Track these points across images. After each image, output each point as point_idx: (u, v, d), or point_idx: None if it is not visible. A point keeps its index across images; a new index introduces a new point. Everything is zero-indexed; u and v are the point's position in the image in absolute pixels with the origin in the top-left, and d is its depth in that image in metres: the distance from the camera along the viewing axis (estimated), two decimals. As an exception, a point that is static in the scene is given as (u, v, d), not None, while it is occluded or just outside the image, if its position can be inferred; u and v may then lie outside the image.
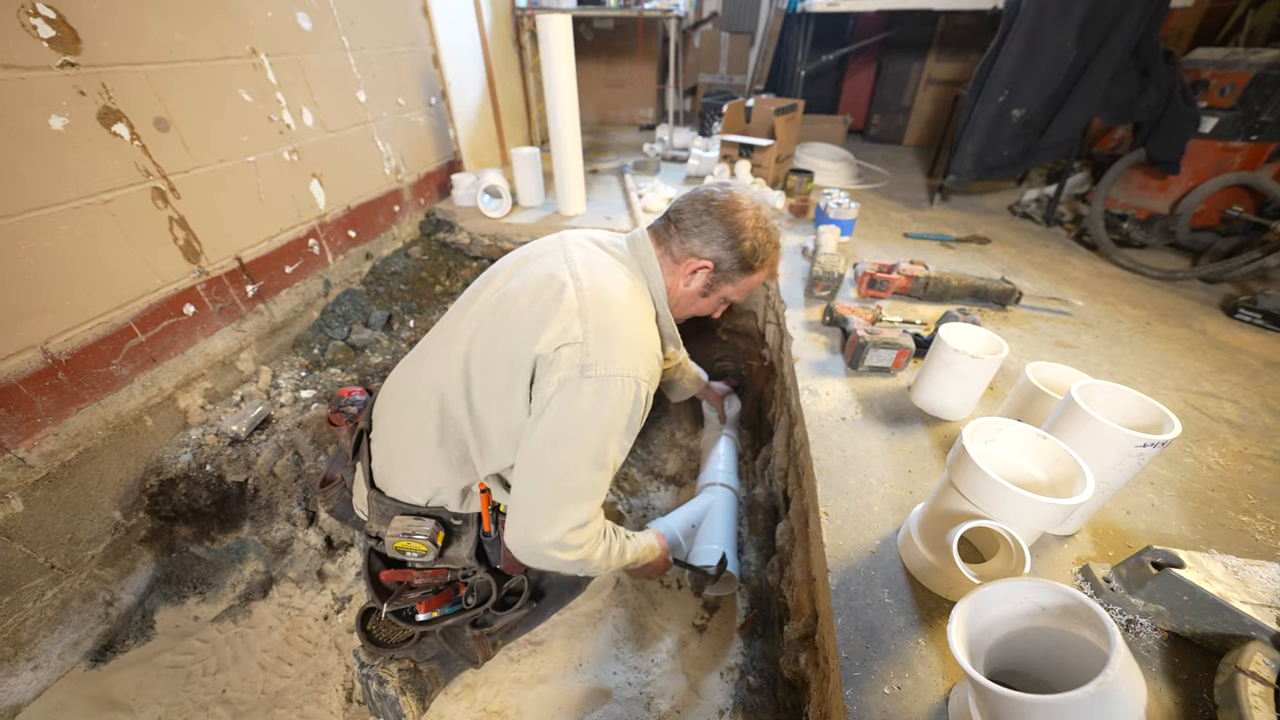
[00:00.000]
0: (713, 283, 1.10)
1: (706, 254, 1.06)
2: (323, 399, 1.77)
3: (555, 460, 0.93)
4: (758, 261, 1.07)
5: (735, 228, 1.04)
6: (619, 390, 0.91)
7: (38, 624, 1.32)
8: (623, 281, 1.03)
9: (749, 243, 1.04)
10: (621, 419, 0.93)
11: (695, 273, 1.08)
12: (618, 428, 0.93)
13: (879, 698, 0.76)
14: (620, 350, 0.92)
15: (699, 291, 1.11)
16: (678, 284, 1.11)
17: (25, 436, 1.26)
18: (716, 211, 1.05)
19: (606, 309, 0.95)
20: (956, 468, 0.82)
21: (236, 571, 1.63)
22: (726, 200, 1.05)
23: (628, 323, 0.97)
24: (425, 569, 1.16)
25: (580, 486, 0.95)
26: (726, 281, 1.10)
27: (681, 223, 1.07)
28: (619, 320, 0.96)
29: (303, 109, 1.92)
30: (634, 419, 0.96)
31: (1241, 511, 1.06)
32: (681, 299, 1.13)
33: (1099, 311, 1.85)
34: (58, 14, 1.23)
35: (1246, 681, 0.67)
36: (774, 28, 3.99)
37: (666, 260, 1.10)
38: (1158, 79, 2.16)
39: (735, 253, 1.05)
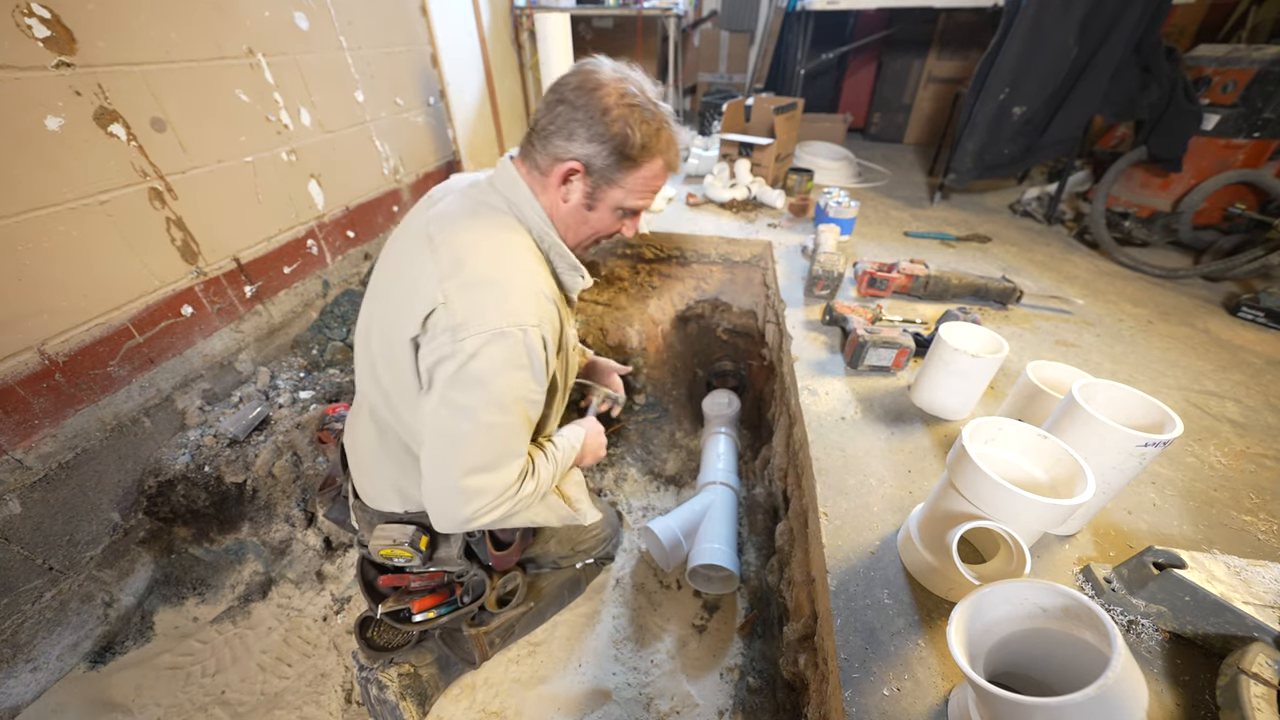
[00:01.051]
0: (593, 189, 0.90)
1: (572, 153, 0.87)
2: (322, 399, 1.77)
3: (454, 436, 0.85)
4: (636, 149, 0.86)
5: (594, 111, 0.83)
6: (503, 346, 0.82)
7: (36, 625, 1.31)
8: (482, 224, 0.90)
9: (617, 125, 0.84)
10: (515, 375, 0.84)
11: (568, 181, 0.90)
12: (514, 386, 0.85)
13: (878, 699, 0.75)
14: (491, 301, 0.82)
15: (582, 205, 0.92)
16: (556, 203, 0.93)
17: (22, 438, 1.26)
18: (570, 97, 0.85)
19: (464, 262, 0.84)
20: (956, 468, 0.81)
21: (235, 572, 1.63)
22: (580, 81, 0.85)
23: (493, 268, 0.85)
24: (420, 572, 1.16)
25: (487, 458, 0.87)
26: (609, 184, 0.90)
27: (538, 125, 0.89)
28: (482, 269, 0.84)
29: (300, 109, 1.92)
30: (535, 369, 0.86)
31: (1244, 511, 1.05)
32: (569, 219, 0.94)
33: (1100, 310, 1.84)
34: (53, 14, 1.23)
35: (1249, 683, 0.66)
36: (774, 26, 3.98)
37: (535, 178, 0.92)
38: (1159, 76, 2.15)
39: (604, 143, 0.85)
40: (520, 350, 0.83)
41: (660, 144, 0.88)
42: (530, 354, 0.85)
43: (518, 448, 0.91)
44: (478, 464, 0.87)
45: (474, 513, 0.89)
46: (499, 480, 0.89)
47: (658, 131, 0.87)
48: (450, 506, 0.89)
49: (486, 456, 0.88)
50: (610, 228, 0.98)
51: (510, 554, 1.19)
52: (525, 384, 0.87)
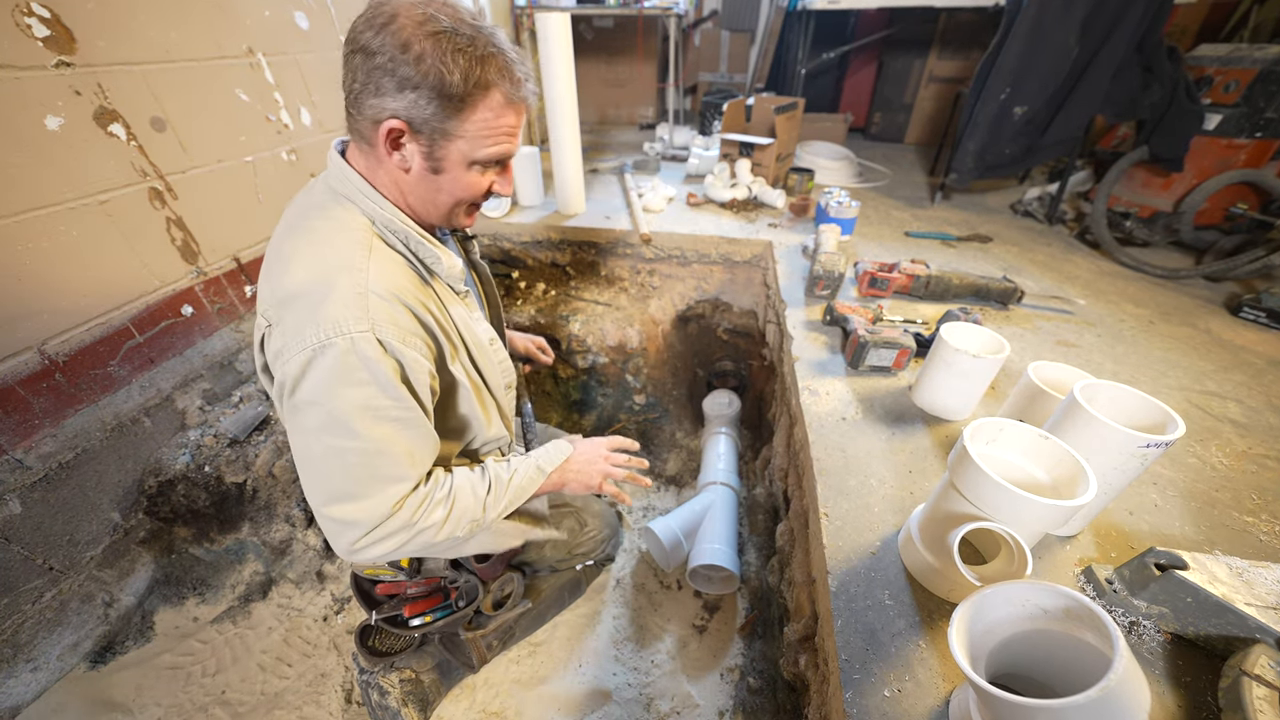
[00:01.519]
0: (430, 148, 0.75)
1: (387, 110, 0.72)
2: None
3: (304, 463, 0.77)
4: (459, 86, 0.70)
5: (393, 50, 0.68)
6: (326, 361, 0.71)
7: (37, 625, 1.32)
8: (304, 229, 0.79)
9: (426, 62, 0.68)
10: (351, 391, 0.73)
11: (399, 146, 0.75)
12: (353, 402, 0.73)
13: (879, 700, 0.75)
14: (306, 314, 0.72)
15: (426, 169, 0.78)
16: (397, 175, 0.79)
17: (23, 438, 1.26)
18: (364, 41, 0.69)
19: (281, 278, 0.75)
20: (957, 468, 0.81)
21: (236, 572, 1.63)
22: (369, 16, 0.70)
23: (309, 276, 0.73)
24: (415, 580, 1.15)
25: (346, 486, 0.77)
26: (444, 136, 0.74)
27: (350, 89, 0.74)
28: (298, 280, 0.73)
29: (301, 109, 1.92)
30: (378, 378, 0.74)
31: (1246, 512, 1.05)
32: (419, 190, 0.80)
33: (1102, 310, 1.84)
34: (53, 13, 1.22)
35: (1251, 685, 0.66)
36: (774, 26, 3.97)
37: (366, 154, 0.79)
38: (1161, 76, 2.14)
39: (417, 89, 0.69)
40: (351, 361, 0.72)
41: (490, 73, 0.72)
42: (365, 363, 0.72)
43: (388, 471, 0.78)
44: (336, 492, 0.77)
45: (352, 544, 0.79)
46: (369, 510, 0.78)
47: (483, 59, 0.71)
48: (331, 536, 0.81)
49: (344, 484, 0.77)
50: (475, 188, 0.82)
51: (493, 565, 1.18)
52: (370, 398, 0.74)
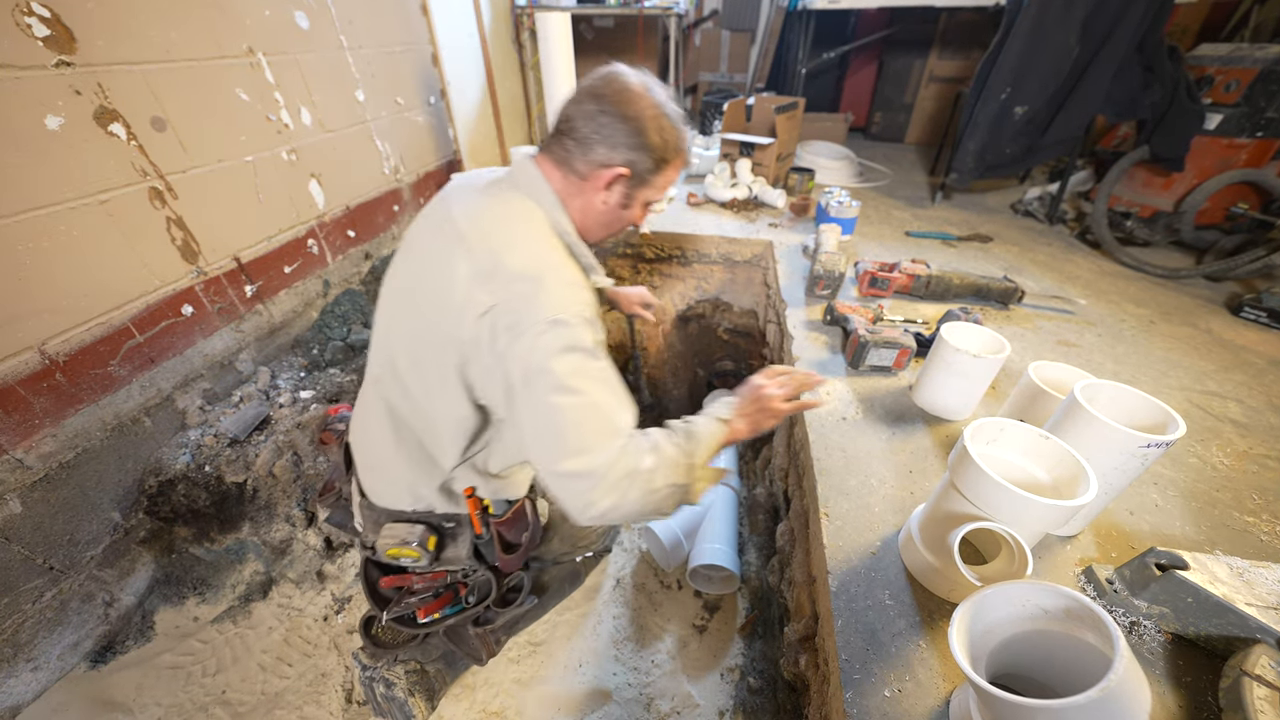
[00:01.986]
0: (631, 190, 0.97)
1: (617, 160, 0.93)
2: (322, 399, 1.77)
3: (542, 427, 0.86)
4: (671, 152, 0.95)
5: (637, 122, 0.91)
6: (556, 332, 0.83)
7: (37, 625, 1.32)
8: (513, 222, 0.93)
9: (655, 134, 0.92)
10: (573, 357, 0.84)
11: (611, 185, 0.95)
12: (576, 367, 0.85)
13: (879, 700, 0.75)
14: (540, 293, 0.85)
15: (618, 205, 0.99)
16: (592, 203, 0.98)
17: (23, 438, 1.26)
18: (611, 109, 0.91)
19: (504, 261, 0.86)
20: (958, 468, 0.81)
21: (236, 572, 1.63)
22: (617, 91, 0.91)
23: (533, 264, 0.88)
24: (423, 573, 1.15)
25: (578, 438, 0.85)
26: (644, 185, 0.98)
27: (576, 132, 0.93)
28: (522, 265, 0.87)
29: (301, 108, 1.92)
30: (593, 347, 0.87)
31: (1246, 512, 1.05)
32: (601, 217, 1.00)
33: (1102, 310, 1.83)
34: (53, 13, 1.22)
35: (1252, 685, 0.66)
36: (775, 25, 3.97)
37: (569, 181, 0.96)
38: (1162, 75, 2.14)
39: (646, 151, 0.92)
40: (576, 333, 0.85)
41: (682, 145, 0.98)
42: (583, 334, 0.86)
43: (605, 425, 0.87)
44: (569, 448, 0.85)
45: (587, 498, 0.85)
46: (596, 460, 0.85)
47: (680, 136, 0.96)
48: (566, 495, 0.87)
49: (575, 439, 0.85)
50: (636, 221, 1.06)
51: (518, 556, 1.18)
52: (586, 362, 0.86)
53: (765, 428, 1.07)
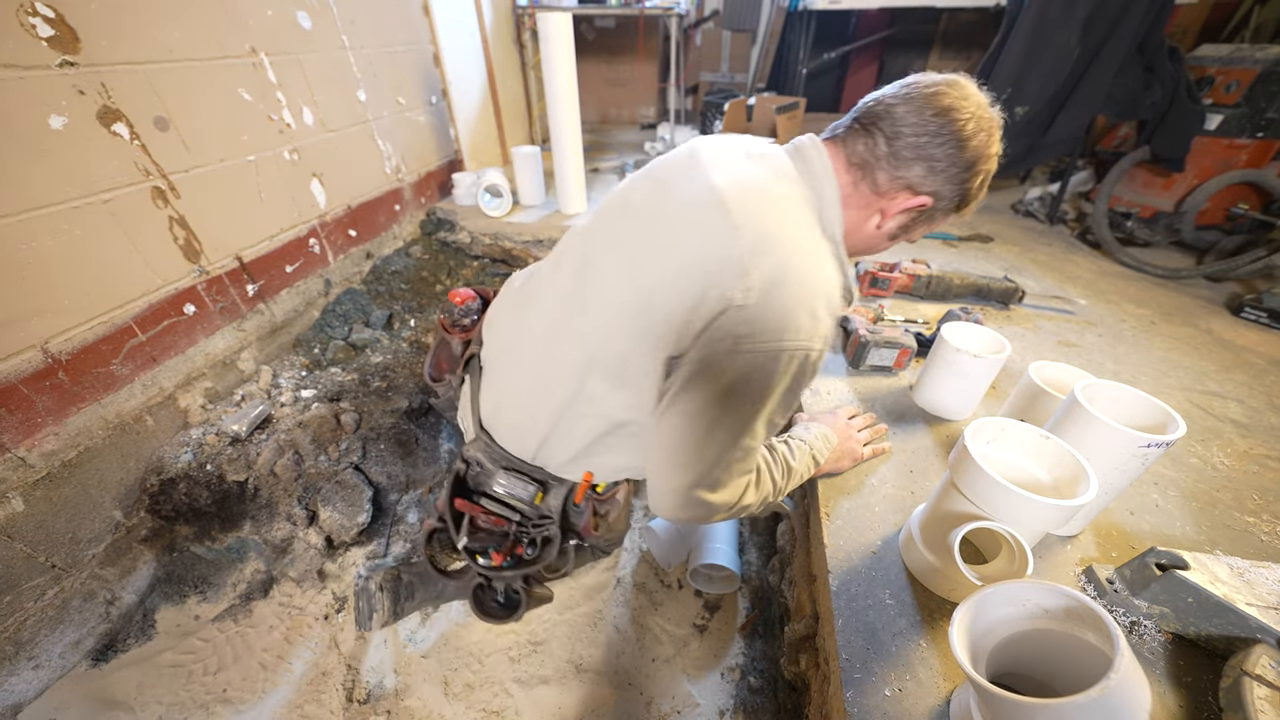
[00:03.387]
0: (914, 224, 0.82)
1: (927, 188, 0.76)
2: (324, 398, 1.77)
3: (692, 446, 0.77)
4: (972, 197, 0.80)
5: (974, 155, 0.74)
6: (783, 363, 0.72)
7: (38, 623, 1.32)
8: (792, 219, 0.76)
9: (976, 179, 0.76)
10: (778, 392, 0.75)
11: (905, 210, 0.79)
12: (772, 401, 0.75)
13: (880, 700, 0.75)
14: (792, 313, 0.71)
15: (892, 233, 0.83)
16: (866, 221, 0.81)
17: (26, 436, 1.26)
18: (952, 130, 0.73)
19: (771, 260, 0.71)
20: (958, 468, 0.81)
21: (237, 571, 1.63)
22: (970, 113, 0.74)
23: (805, 272, 0.73)
24: (491, 512, 1.09)
25: (725, 467, 0.79)
26: (926, 222, 0.82)
27: (901, 138, 0.75)
28: (794, 270, 0.72)
29: (303, 108, 1.92)
30: (798, 386, 0.77)
31: (1247, 512, 1.05)
32: (863, 240, 0.84)
33: (1103, 310, 1.83)
34: (57, 13, 1.23)
35: (1252, 685, 0.66)
36: (776, 26, 3.98)
37: (861, 189, 0.79)
38: (1162, 76, 2.14)
39: (959, 189, 0.77)
40: (796, 368, 0.74)
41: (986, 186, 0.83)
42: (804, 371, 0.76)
43: (749, 465, 0.83)
44: (709, 480, 0.80)
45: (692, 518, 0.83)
46: (725, 498, 0.82)
47: (989, 173, 0.81)
48: (674, 508, 0.83)
49: (719, 474, 0.80)
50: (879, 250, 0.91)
51: (602, 533, 1.15)
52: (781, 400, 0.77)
53: (841, 469, 1.05)
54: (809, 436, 1.01)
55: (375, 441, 1.73)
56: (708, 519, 0.85)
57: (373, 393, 1.83)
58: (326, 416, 1.68)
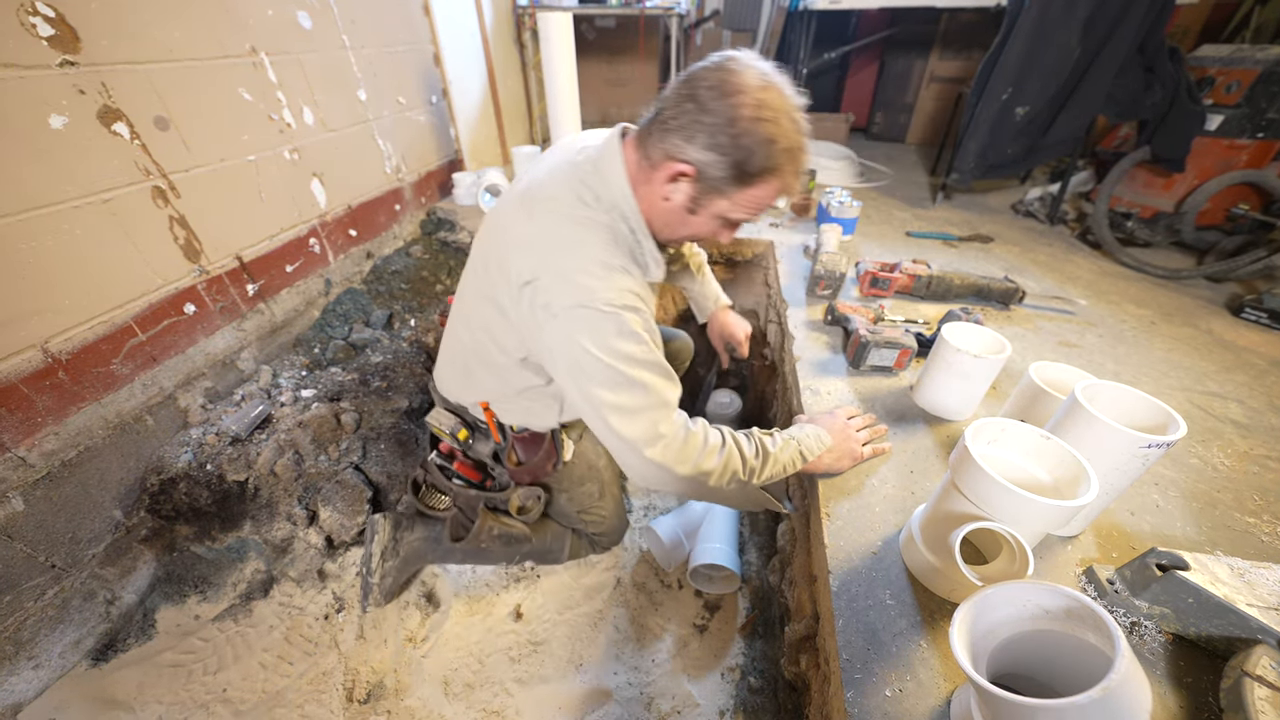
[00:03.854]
0: (699, 195, 0.86)
1: (686, 156, 0.82)
2: (324, 398, 1.77)
3: (583, 395, 0.89)
4: (756, 168, 0.80)
5: (722, 119, 0.77)
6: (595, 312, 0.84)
7: (38, 623, 1.32)
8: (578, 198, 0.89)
9: (743, 140, 0.78)
10: (613, 342, 0.85)
11: (675, 181, 0.85)
12: (619, 350, 0.86)
13: (880, 700, 0.75)
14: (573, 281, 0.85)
15: (684, 207, 0.88)
16: (654, 196, 0.88)
17: (26, 436, 1.26)
18: (703, 95, 0.78)
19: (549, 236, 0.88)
20: (959, 468, 0.81)
21: (237, 570, 1.63)
22: (720, 79, 0.78)
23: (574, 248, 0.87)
24: (464, 462, 1.41)
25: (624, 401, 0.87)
26: (716, 194, 0.85)
27: (662, 113, 0.84)
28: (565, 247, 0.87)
29: (303, 108, 1.92)
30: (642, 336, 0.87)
31: (1247, 513, 1.05)
32: (664, 215, 0.91)
33: (1103, 311, 1.84)
34: (57, 13, 1.23)
35: (1253, 685, 0.66)
36: (776, 26, 3.97)
37: (643, 167, 0.88)
38: (1163, 76, 2.14)
39: (723, 155, 0.79)
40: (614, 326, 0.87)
41: (786, 168, 0.82)
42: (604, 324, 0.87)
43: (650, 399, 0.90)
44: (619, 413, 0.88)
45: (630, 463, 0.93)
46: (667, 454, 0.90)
47: (788, 154, 0.81)
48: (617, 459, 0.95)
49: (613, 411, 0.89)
50: (708, 233, 0.95)
51: (524, 471, 1.35)
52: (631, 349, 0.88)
53: (840, 469, 1.08)
54: (799, 434, 1.05)
55: (375, 441, 1.73)
56: (672, 481, 0.93)
57: (373, 392, 1.82)
58: (326, 416, 1.68)
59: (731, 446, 0.95)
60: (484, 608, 1.57)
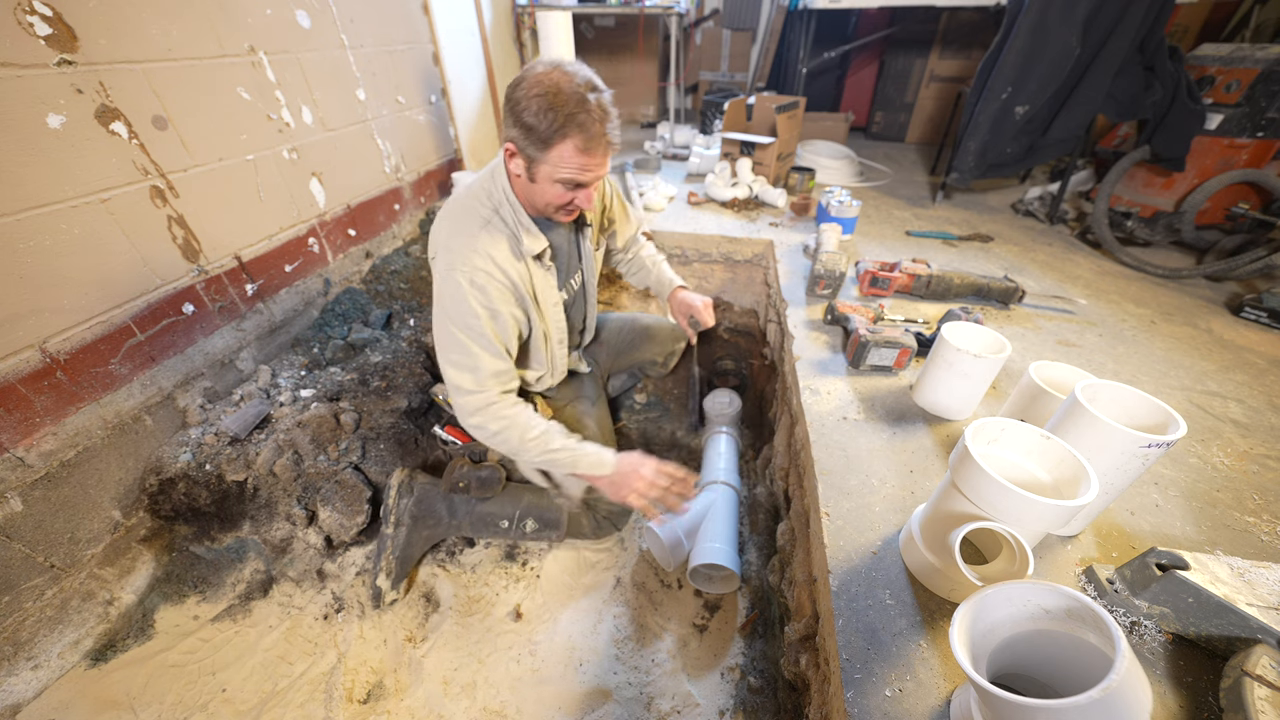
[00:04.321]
0: (528, 164, 1.10)
1: (508, 135, 1.09)
2: (323, 398, 1.77)
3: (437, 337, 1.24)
4: (553, 132, 1.03)
5: (515, 102, 1.04)
6: (452, 283, 1.15)
7: (37, 623, 1.32)
8: (463, 204, 1.22)
9: (529, 114, 1.02)
10: (460, 304, 1.15)
11: (512, 158, 1.11)
12: (461, 310, 1.16)
13: (880, 700, 0.75)
14: (446, 253, 1.17)
15: (526, 177, 1.13)
16: (511, 173, 1.16)
17: (24, 436, 1.26)
18: (508, 91, 1.06)
19: (441, 219, 1.24)
20: (959, 468, 0.81)
21: (236, 571, 1.63)
22: (519, 77, 1.05)
23: (453, 230, 1.20)
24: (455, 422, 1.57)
25: (452, 358, 1.21)
26: (535, 160, 1.09)
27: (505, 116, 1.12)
28: (447, 228, 1.21)
29: (302, 107, 1.92)
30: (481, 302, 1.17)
31: (1247, 512, 1.05)
32: (523, 190, 1.17)
33: (1103, 310, 1.83)
34: (55, 12, 1.22)
35: (1253, 685, 0.66)
36: (776, 25, 3.97)
37: (504, 158, 1.16)
38: (1163, 75, 2.14)
39: (520, 128, 1.04)
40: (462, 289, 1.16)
41: (569, 127, 1.03)
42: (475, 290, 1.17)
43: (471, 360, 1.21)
44: (446, 360, 1.23)
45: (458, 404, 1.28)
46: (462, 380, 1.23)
47: (568, 116, 1.02)
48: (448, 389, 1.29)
49: (448, 355, 1.22)
50: (560, 197, 1.15)
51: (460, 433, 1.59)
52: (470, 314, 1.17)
53: (615, 499, 1.38)
54: (588, 450, 1.34)
55: (375, 441, 1.72)
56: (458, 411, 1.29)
57: (372, 392, 1.82)
58: (326, 416, 1.68)
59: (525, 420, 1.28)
60: (484, 608, 1.57)
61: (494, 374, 1.24)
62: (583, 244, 1.42)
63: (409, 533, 1.55)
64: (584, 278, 1.46)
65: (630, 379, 2.10)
